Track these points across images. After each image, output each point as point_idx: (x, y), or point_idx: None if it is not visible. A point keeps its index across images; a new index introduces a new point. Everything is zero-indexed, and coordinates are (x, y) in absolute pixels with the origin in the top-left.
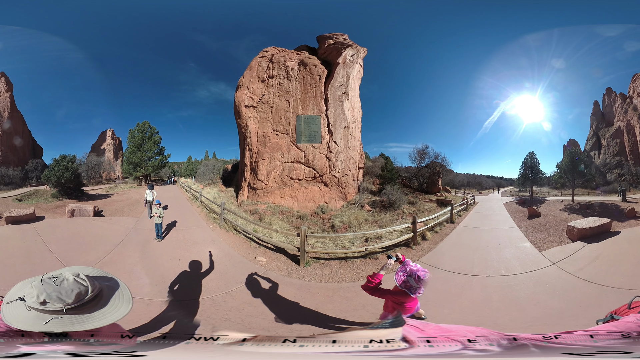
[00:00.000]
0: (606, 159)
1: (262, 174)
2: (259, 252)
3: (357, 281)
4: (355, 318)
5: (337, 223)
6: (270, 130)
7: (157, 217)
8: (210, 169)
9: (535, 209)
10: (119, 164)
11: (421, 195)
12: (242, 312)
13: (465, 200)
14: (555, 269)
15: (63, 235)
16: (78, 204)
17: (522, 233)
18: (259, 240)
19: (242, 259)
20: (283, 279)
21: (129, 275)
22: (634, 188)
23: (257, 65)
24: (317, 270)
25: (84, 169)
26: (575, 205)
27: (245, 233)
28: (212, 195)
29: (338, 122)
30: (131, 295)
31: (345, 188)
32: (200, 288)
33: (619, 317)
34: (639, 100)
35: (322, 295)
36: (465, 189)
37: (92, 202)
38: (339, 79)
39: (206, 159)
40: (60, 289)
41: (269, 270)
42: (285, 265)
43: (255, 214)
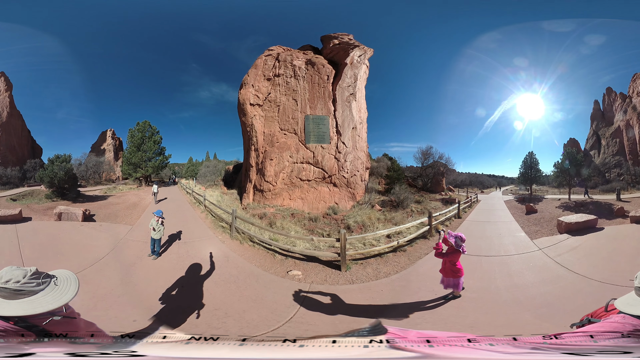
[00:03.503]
0: (605, 159)
1: (270, 175)
2: (287, 264)
3: (402, 271)
4: (430, 296)
5: (351, 223)
6: (278, 129)
7: (154, 231)
8: (212, 170)
9: (532, 206)
10: (119, 165)
11: (426, 194)
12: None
13: (469, 199)
14: (540, 253)
15: (42, 240)
16: (68, 206)
17: (519, 226)
18: (283, 251)
19: (271, 276)
20: (336, 287)
21: (89, 309)
22: (632, 187)
23: (263, 64)
24: (360, 271)
25: (82, 169)
26: (571, 204)
27: (265, 244)
28: (215, 199)
29: (346, 123)
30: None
31: (354, 188)
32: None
33: (597, 320)
34: (638, 99)
35: (387, 289)
36: (468, 187)
37: (85, 205)
38: (347, 80)
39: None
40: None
41: (312, 283)
42: (326, 274)
43: (263, 218)
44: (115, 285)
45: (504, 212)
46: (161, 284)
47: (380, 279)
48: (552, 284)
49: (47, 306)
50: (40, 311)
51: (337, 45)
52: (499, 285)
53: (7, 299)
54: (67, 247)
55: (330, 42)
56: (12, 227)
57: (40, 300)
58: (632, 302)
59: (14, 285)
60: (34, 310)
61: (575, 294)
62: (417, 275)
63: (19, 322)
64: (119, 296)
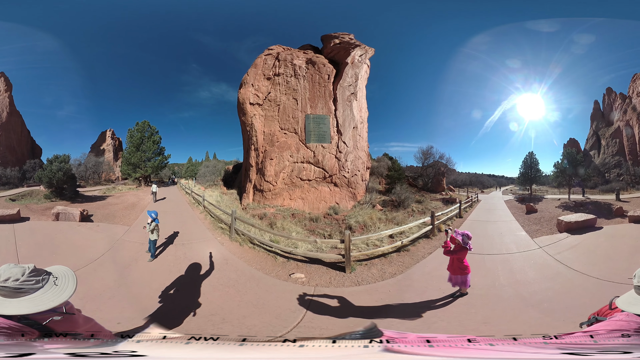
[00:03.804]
0: (605, 159)
1: (270, 175)
2: (289, 267)
3: (406, 270)
4: (438, 294)
5: (353, 223)
6: (278, 128)
7: (150, 233)
8: (211, 170)
9: (532, 206)
10: (118, 165)
11: (427, 194)
12: None
13: (470, 198)
14: (540, 251)
15: (39, 239)
16: (66, 206)
17: (519, 225)
18: (285, 253)
19: (273, 280)
20: (342, 290)
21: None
22: (631, 187)
23: (263, 63)
24: (366, 272)
25: (81, 169)
26: (571, 203)
27: (266, 246)
28: (215, 199)
29: (347, 123)
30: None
31: (355, 188)
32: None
33: (604, 319)
34: (638, 100)
35: (394, 290)
36: (468, 187)
37: (83, 205)
38: (348, 79)
39: (207, 160)
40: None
41: (316, 286)
42: (330, 276)
43: (263, 218)
44: (109, 286)
45: (505, 211)
46: (156, 286)
47: (386, 280)
48: (552, 281)
49: (48, 304)
50: (42, 309)
51: (338, 44)
52: (502, 282)
53: (7, 297)
54: (63, 247)
55: (331, 42)
56: (10, 226)
57: (42, 297)
58: (632, 301)
59: (13, 283)
60: (36, 308)
61: (575, 290)
62: (423, 275)
63: (21, 320)
64: (111, 297)
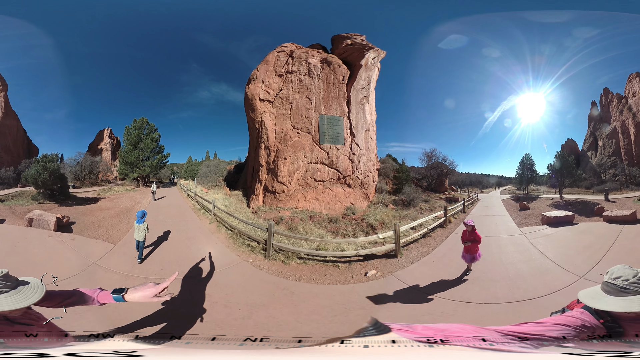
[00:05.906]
0: (601, 159)
1: (284, 176)
2: (354, 269)
3: (434, 250)
4: (458, 271)
5: (373, 222)
6: (290, 127)
7: (138, 233)
8: (213, 170)
9: (525, 204)
10: (116, 165)
11: (431, 194)
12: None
13: (471, 198)
14: (522, 236)
15: (2, 245)
16: (44, 211)
17: (511, 218)
18: (340, 259)
19: (359, 286)
20: (404, 270)
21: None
22: (625, 188)
23: (275, 60)
24: (413, 253)
25: (77, 169)
26: (562, 203)
27: (320, 257)
28: (222, 203)
29: (360, 125)
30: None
31: (367, 189)
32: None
33: (569, 311)
34: (634, 100)
35: (435, 267)
36: (469, 187)
37: (67, 210)
38: (361, 82)
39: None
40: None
41: (389, 275)
42: (391, 263)
43: (280, 222)
44: None
45: (501, 208)
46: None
47: (426, 256)
48: (522, 254)
49: (2, 307)
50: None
51: (350, 45)
52: (495, 258)
53: None
54: (25, 257)
55: (343, 42)
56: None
57: (3, 300)
58: (594, 296)
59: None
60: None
61: (534, 262)
62: (447, 251)
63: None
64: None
